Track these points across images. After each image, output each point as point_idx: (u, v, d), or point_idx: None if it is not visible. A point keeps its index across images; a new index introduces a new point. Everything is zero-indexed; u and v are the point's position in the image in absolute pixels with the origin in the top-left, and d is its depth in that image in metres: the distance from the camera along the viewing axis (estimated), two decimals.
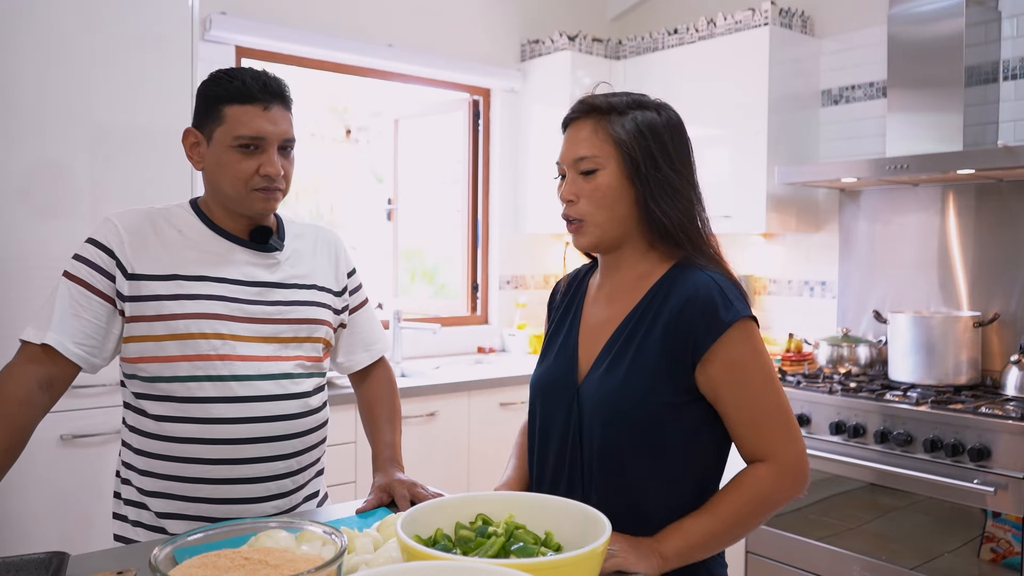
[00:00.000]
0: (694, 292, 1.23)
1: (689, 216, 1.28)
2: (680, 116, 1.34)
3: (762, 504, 1.21)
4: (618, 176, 1.26)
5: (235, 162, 1.38)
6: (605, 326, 1.32)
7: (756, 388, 1.22)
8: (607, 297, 1.35)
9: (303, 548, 0.99)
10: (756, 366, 1.22)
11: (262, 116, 1.37)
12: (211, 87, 1.40)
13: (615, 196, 1.26)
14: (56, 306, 1.34)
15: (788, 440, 1.22)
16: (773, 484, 1.21)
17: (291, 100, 1.44)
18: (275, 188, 1.41)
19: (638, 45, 3.77)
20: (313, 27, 3.28)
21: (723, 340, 1.21)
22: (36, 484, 2.23)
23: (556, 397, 1.33)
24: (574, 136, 1.31)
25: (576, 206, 1.29)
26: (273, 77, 1.41)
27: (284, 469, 1.42)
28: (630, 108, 1.28)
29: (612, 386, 1.25)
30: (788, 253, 3.50)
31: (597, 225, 1.28)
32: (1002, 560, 2.29)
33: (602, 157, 1.27)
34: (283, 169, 1.41)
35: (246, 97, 1.37)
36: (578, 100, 1.34)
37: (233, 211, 1.43)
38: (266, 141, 1.38)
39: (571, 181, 1.30)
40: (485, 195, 3.98)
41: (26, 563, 1.09)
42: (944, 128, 2.76)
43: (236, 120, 1.36)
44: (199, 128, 1.41)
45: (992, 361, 2.84)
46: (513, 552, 1.01)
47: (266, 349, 1.41)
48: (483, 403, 3.17)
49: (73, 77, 2.28)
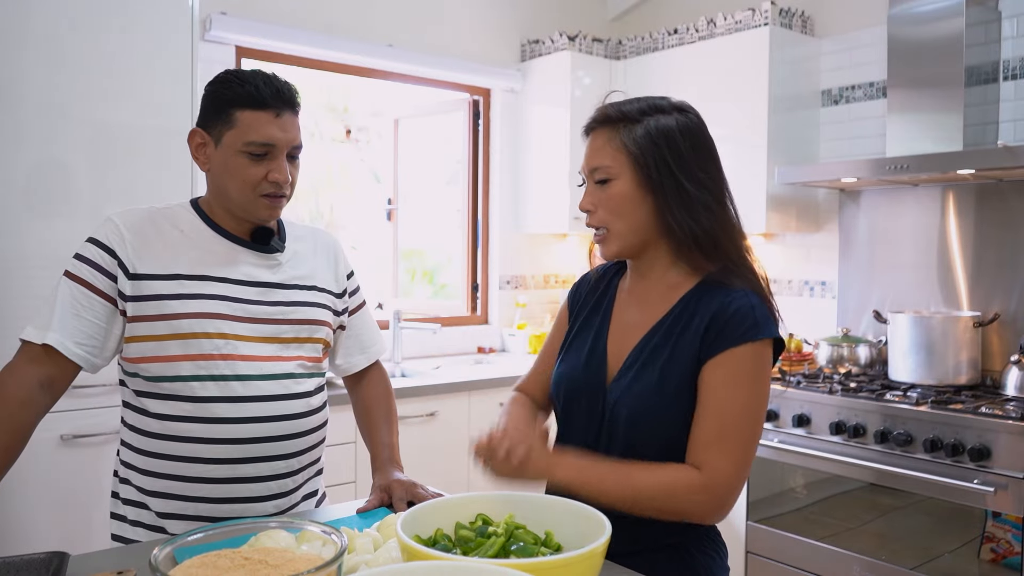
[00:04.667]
0: (727, 305, 1.24)
1: (711, 224, 1.27)
2: (700, 117, 1.33)
3: (669, 500, 1.19)
4: (632, 185, 1.27)
5: (243, 167, 1.37)
6: (635, 330, 1.33)
7: (736, 409, 1.22)
8: (638, 301, 1.35)
9: (303, 548, 0.99)
10: (748, 390, 1.23)
11: (274, 123, 1.36)
12: (221, 89, 1.38)
13: (631, 205, 1.27)
14: (57, 306, 1.34)
15: (732, 465, 1.20)
16: (689, 489, 1.19)
17: (300, 106, 1.43)
18: (281, 195, 1.41)
19: (638, 45, 3.77)
20: (313, 27, 3.28)
21: (733, 352, 1.22)
22: (36, 484, 2.23)
23: (583, 397, 1.34)
24: (591, 146, 1.32)
25: (596, 215, 1.31)
26: (284, 83, 1.40)
27: (285, 469, 1.42)
28: (645, 115, 1.28)
29: (641, 390, 1.26)
30: (788, 253, 3.50)
31: (619, 234, 1.30)
32: (1002, 560, 2.29)
33: (615, 167, 1.28)
34: (290, 175, 1.41)
35: (258, 103, 1.36)
36: (595, 111, 1.34)
37: (236, 214, 1.43)
38: (276, 148, 1.37)
39: (589, 191, 1.32)
40: (485, 195, 3.98)
41: (26, 563, 1.09)
42: (944, 128, 2.75)
43: (247, 125, 1.35)
44: (206, 129, 1.40)
45: (992, 361, 2.84)
46: (513, 552, 1.01)
47: (268, 349, 1.42)
48: (483, 403, 3.17)
49: (73, 77, 2.28)
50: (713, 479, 1.20)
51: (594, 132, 1.32)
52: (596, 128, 1.32)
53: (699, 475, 1.20)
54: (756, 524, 2.83)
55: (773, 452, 2.77)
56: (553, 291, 4.16)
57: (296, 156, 1.43)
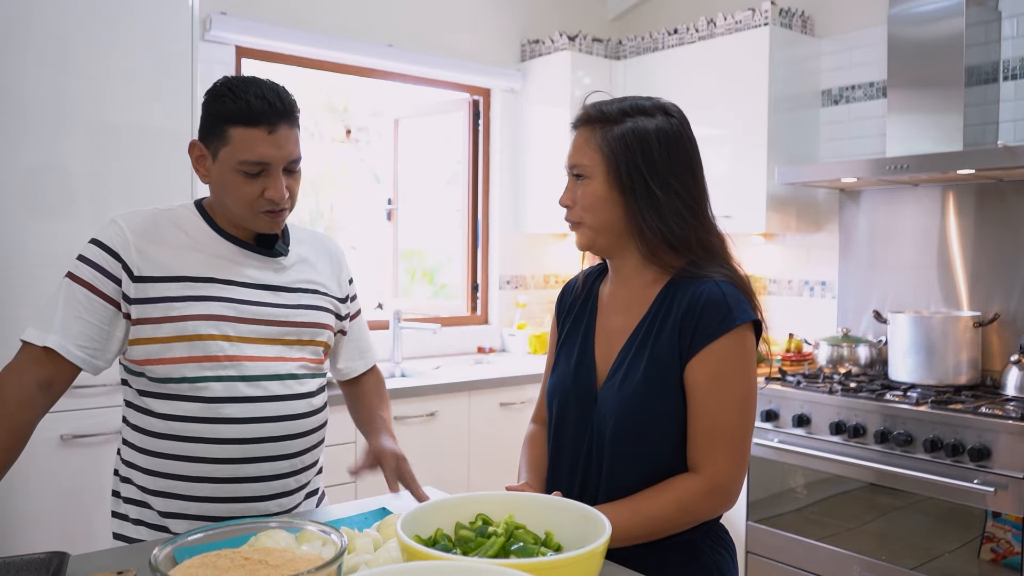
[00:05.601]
0: (696, 298, 1.26)
1: (683, 230, 1.28)
2: (683, 118, 1.33)
3: (683, 514, 1.24)
4: (605, 186, 1.29)
5: (239, 185, 1.36)
6: (619, 334, 1.34)
7: (726, 402, 1.24)
8: (619, 305, 1.37)
9: (303, 548, 0.99)
10: (736, 380, 1.24)
11: (266, 140, 1.33)
12: (215, 104, 1.35)
13: (603, 204, 1.29)
14: (59, 308, 1.34)
15: (729, 461, 1.23)
16: (697, 497, 1.23)
17: (298, 115, 1.39)
18: (280, 210, 1.40)
19: (638, 45, 3.77)
20: (313, 27, 3.28)
21: (713, 347, 1.24)
22: (36, 484, 2.23)
23: (574, 405, 1.36)
24: (574, 143, 1.35)
25: (573, 211, 1.34)
26: (279, 94, 1.36)
27: (288, 468, 1.43)
28: (626, 116, 1.29)
29: (628, 392, 1.27)
30: (788, 253, 3.50)
31: (591, 227, 1.32)
32: (1002, 560, 2.29)
33: (591, 166, 1.30)
34: (288, 189, 1.39)
35: (249, 119, 1.32)
36: (581, 106, 1.36)
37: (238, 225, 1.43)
38: (271, 166, 1.35)
39: (569, 187, 1.35)
40: (485, 195, 3.98)
41: (26, 563, 1.09)
42: (944, 128, 2.75)
43: (240, 143, 1.33)
44: (204, 143, 1.38)
45: (992, 361, 2.84)
46: (513, 552, 1.01)
47: (271, 350, 1.42)
48: (483, 403, 3.17)
49: (73, 77, 2.28)
50: (715, 479, 1.23)
51: (578, 130, 1.35)
52: (580, 126, 1.34)
53: (700, 479, 1.23)
54: (756, 524, 2.83)
55: (773, 452, 2.77)
56: (553, 291, 4.16)
57: (294, 169, 1.40)
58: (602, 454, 1.30)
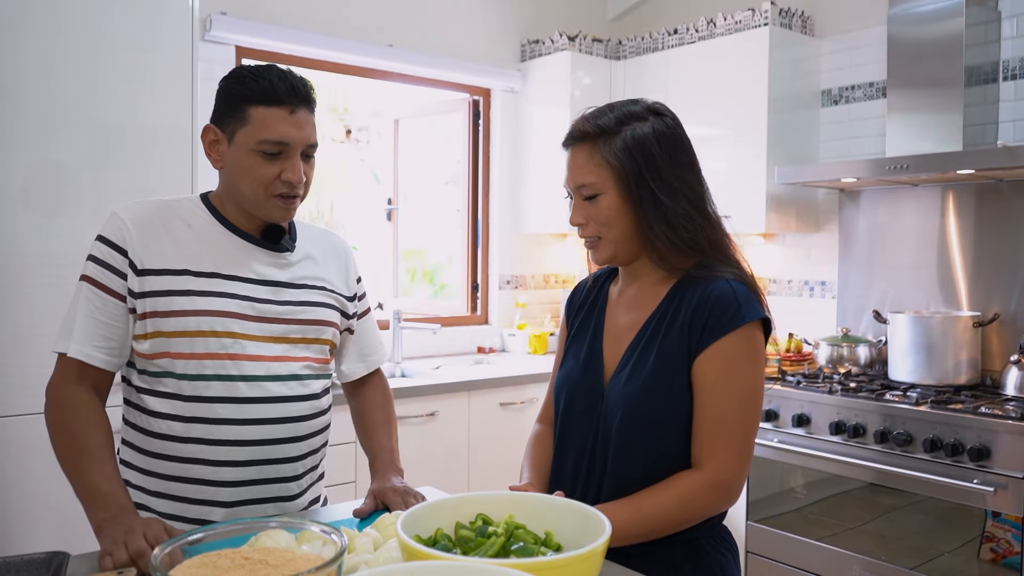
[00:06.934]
0: (707, 295, 1.27)
1: (689, 232, 1.29)
2: (676, 118, 1.34)
3: (686, 510, 1.24)
4: (618, 198, 1.29)
5: (257, 166, 1.35)
6: (627, 331, 1.35)
7: (731, 398, 1.25)
8: (629, 302, 1.38)
9: (303, 548, 0.99)
10: (742, 376, 1.25)
11: (288, 120, 1.34)
12: (236, 85, 1.35)
13: (619, 216, 1.30)
14: (78, 312, 1.34)
15: (732, 456, 1.24)
16: (699, 492, 1.24)
17: (315, 103, 1.40)
18: (295, 195, 1.39)
19: (638, 45, 3.77)
20: (313, 27, 3.28)
21: (721, 344, 1.25)
22: (36, 484, 2.23)
23: (582, 399, 1.36)
24: (574, 162, 1.34)
25: (588, 228, 1.34)
26: (300, 79, 1.37)
27: (290, 472, 1.41)
28: (622, 125, 1.29)
29: (635, 387, 1.28)
30: (788, 253, 3.50)
31: (612, 241, 1.32)
32: (1002, 560, 2.29)
33: (600, 182, 1.30)
34: (304, 175, 1.39)
35: (273, 99, 1.33)
36: (571, 125, 1.35)
37: (249, 212, 1.41)
38: (290, 147, 1.35)
39: (578, 207, 1.34)
40: (485, 195, 3.98)
41: (26, 563, 1.09)
42: (944, 128, 2.75)
43: (261, 123, 1.33)
44: (219, 126, 1.37)
45: (992, 361, 2.84)
46: (513, 552, 1.01)
47: (275, 349, 1.39)
48: (483, 403, 3.17)
49: (73, 77, 2.28)
50: (718, 475, 1.24)
51: (574, 148, 1.34)
52: (575, 144, 1.33)
53: (703, 475, 1.24)
54: (756, 524, 2.83)
55: (773, 452, 2.77)
56: (553, 291, 4.16)
57: (311, 155, 1.41)
58: (607, 448, 1.31)
